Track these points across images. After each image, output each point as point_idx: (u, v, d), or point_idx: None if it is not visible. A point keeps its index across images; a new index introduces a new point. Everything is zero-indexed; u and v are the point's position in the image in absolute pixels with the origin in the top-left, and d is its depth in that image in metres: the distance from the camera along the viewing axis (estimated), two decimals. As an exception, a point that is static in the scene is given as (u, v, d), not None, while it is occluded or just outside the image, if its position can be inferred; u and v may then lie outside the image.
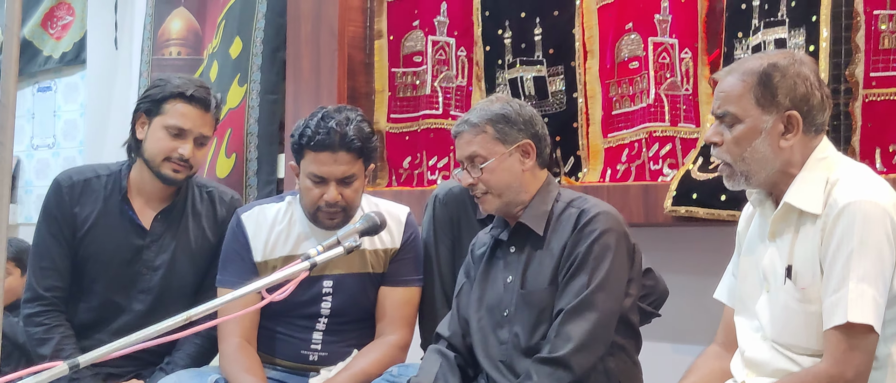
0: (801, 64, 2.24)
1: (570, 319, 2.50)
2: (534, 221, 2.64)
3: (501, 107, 2.68)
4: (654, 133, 3.30)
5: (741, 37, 3.07)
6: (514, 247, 2.68)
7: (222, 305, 2.19)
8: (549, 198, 2.67)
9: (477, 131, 2.66)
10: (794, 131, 2.22)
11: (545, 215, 2.64)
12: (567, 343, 2.47)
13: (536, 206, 2.65)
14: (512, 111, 2.67)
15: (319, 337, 2.96)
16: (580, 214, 2.59)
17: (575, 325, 2.49)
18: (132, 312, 3.08)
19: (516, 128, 2.65)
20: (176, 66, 4.90)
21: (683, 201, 3.06)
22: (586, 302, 2.50)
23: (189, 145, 3.01)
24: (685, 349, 3.20)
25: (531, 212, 2.65)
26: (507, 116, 2.66)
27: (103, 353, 2.00)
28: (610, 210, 2.61)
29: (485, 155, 2.64)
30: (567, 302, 2.52)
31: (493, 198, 2.66)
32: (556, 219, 2.63)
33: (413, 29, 3.96)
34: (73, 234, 3.07)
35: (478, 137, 2.65)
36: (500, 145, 2.65)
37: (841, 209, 2.11)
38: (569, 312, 2.50)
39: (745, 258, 2.39)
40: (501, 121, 2.65)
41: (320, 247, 2.34)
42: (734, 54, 3.08)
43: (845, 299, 2.07)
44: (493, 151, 2.64)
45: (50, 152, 5.75)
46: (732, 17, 3.12)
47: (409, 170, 3.99)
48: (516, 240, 2.68)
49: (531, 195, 2.67)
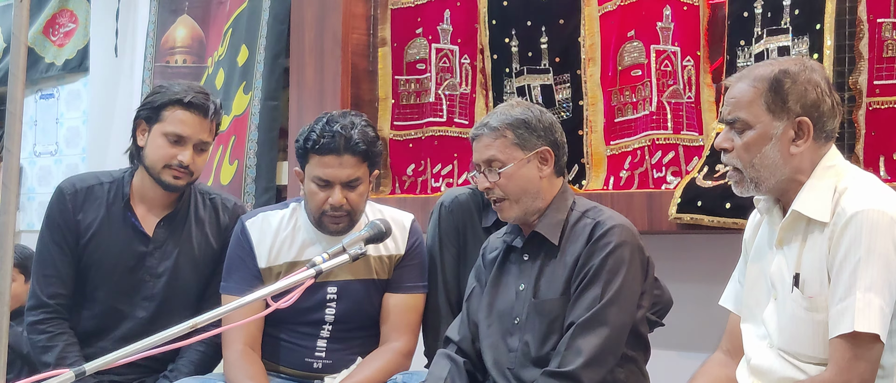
0: (812, 70, 2.24)
1: (582, 333, 2.48)
2: (549, 230, 2.62)
3: (522, 112, 2.66)
4: (657, 141, 3.30)
5: (744, 44, 3.08)
6: (527, 255, 2.66)
7: (227, 313, 2.19)
8: (565, 206, 2.65)
9: (496, 135, 2.64)
10: (805, 138, 2.22)
11: (560, 224, 2.62)
12: (578, 357, 2.46)
13: (552, 215, 2.64)
14: (532, 117, 2.65)
15: (324, 345, 2.95)
16: (595, 226, 2.57)
17: (586, 340, 2.47)
18: (135, 319, 3.08)
19: (536, 134, 2.64)
20: (181, 73, 4.90)
21: (688, 208, 3.06)
22: (598, 316, 2.48)
23: (188, 152, 3.01)
24: (691, 357, 3.19)
25: (546, 220, 2.63)
26: (528, 122, 2.64)
27: (108, 361, 2.00)
28: (625, 222, 2.59)
29: (503, 160, 2.63)
30: (579, 315, 2.50)
31: (510, 204, 2.64)
32: (571, 229, 2.61)
33: (416, 36, 3.96)
34: (77, 241, 3.07)
35: (497, 141, 2.64)
36: (519, 151, 2.63)
37: (849, 218, 2.11)
38: (580, 326, 2.49)
39: (752, 265, 2.38)
40: (522, 126, 2.64)
41: (326, 255, 2.34)
42: (737, 62, 3.08)
43: (852, 308, 2.07)
44: (512, 157, 2.63)
45: (52, 159, 5.75)
46: (734, 24, 3.13)
47: (413, 178, 3.99)
48: (530, 248, 2.66)
49: (547, 203, 2.65)
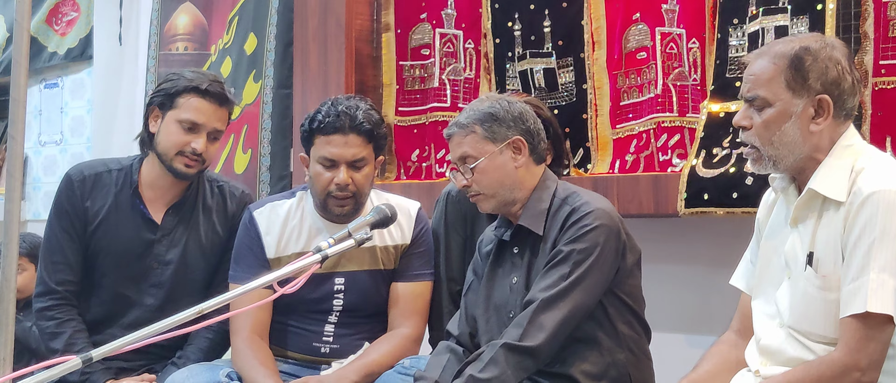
0: (833, 48, 2.22)
1: (546, 309, 2.49)
2: (532, 221, 2.63)
3: (489, 106, 2.67)
4: (663, 123, 3.29)
5: (737, 23, 3.06)
6: (517, 248, 2.67)
7: (234, 298, 2.19)
8: (547, 194, 2.65)
9: (466, 132, 2.65)
10: (825, 116, 2.20)
11: (543, 214, 2.63)
12: (540, 332, 2.48)
13: (534, 206, 2.64)
14: (500, 109, 2.66)
15: (331, 330, 2.96)
16: (571, 212, 2.57)
17: (549, 316, 2.49)
18: (143, 306, 3.08)
19: (505, 125, 2.64)
20: (182, 61, 4.90)
21: (696, 202, 3.02)
22: (563, 294, 2.49)
23: (202, 139, 3.01)
24: (697, 340, 3.19)
25: (529, 212, 2.64)
26: (495, 114, 2.65)
27: (116, 347, 2.01)
28: (603, 206, 2.60)
29: (475, 155, 2.63)
30: (543, 290, 2.51)
31: (487, 198, 2.65)
32: (552, 217, 2.62)
33: (421, 22, 3.95)
34: (85, 228, 3.08)
35: (468, 138, 2.65)
36: (489, 144, 2.63)
37: (865, 198, 2.09)
38: (545, 301, 2.49)
39: (766, 242, 2.37)
40: (489, 119, 2.64)
41: (331, 240, 2.34)
42: (729, 41, 3.06)
43: (865, 288, 2.05)
44: (483, 151, 2.63)
45: (57, 149, 5.75)
46: (726, 2, 3.10)
47: (418, 163, 3.99)
48: (518, 240, 2.67)
49: (527, 192, 2.65)
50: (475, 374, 2.47)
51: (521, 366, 2.48)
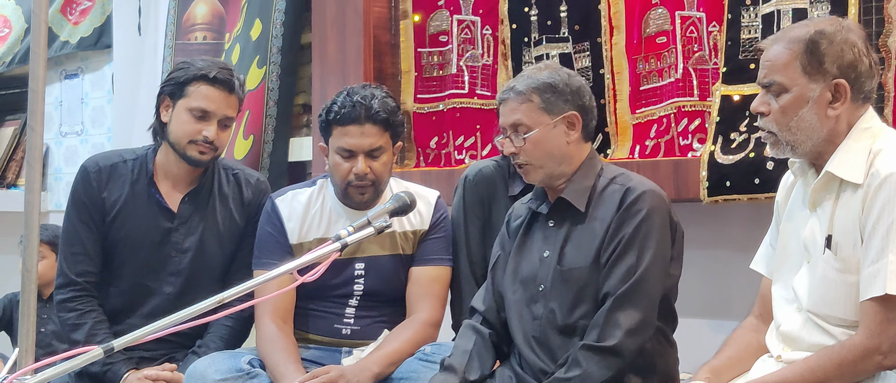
0: (849, 30, 2.21)
1: (620, 305, 2.45)
2: (576, 196, 2.58)
3: (549, 75, 2.61)
4: (683, 108, 3.27)
5: (749, 4, 3.02)
6: (553, 221, 2.63)
7: (255, 286, 2.20)
8: (592, 172, 2.61)
9: (522, 99, 2.59)
10: (842, 100, 2.19)
11: (587, 191, 2.58)
12: (617, 330, 2.43)
13: (579, 181, 2.60)
14: (560, 81, 2.60)
15: (352, 312, 2.99)
16: (626, 192, 2.53)
17: (624, 312, 2.45)
18: (162, 295, 3.10)
19: (563, 98, 2.59)
20: (201, 50, 4.89)
21: (718, 190, 3.00)
22: (636, 288, 2.46)
23: (213, 127, 3.03)
24: (721, 325, 3.17)
25: (573, 186, 2.59)
26: (555, 86, 2.59)
27: (138, 337, 2.02)
28: (655, 188, 2.56)
29: (529, 124, 2.58)
30: (614, 286, 2.47)
31: (534, 169, 2.60)
32: (599, 195, 2.57)
33: (438, 8, 3.94)
34: (103, 219, 3.10)
35: (523, 106, 2.59)
36: (545, 115, 2.58)
37: (883, 179, 2.08)
38: (618, 298, 2.46)
39: (785, 225, 2.36)
40: (548, 90, 2.59)
41: (351, 228, 2.34)
42: (741, 22, 3.03)
43: (885, 271, 2.04)
44: (538, 121, 2.58)
45: (78, 139, 5.76)
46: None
47: (437, 151, 3.98)
48: (556, 214, 2.63)
49: (574, 168, 2.61)
50: (559, 375, 2.45)
51: (603, 365, 2.43)
